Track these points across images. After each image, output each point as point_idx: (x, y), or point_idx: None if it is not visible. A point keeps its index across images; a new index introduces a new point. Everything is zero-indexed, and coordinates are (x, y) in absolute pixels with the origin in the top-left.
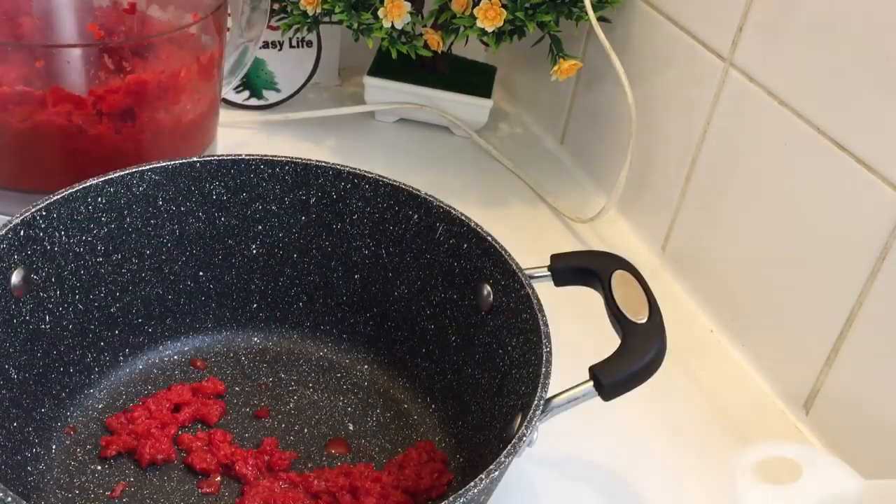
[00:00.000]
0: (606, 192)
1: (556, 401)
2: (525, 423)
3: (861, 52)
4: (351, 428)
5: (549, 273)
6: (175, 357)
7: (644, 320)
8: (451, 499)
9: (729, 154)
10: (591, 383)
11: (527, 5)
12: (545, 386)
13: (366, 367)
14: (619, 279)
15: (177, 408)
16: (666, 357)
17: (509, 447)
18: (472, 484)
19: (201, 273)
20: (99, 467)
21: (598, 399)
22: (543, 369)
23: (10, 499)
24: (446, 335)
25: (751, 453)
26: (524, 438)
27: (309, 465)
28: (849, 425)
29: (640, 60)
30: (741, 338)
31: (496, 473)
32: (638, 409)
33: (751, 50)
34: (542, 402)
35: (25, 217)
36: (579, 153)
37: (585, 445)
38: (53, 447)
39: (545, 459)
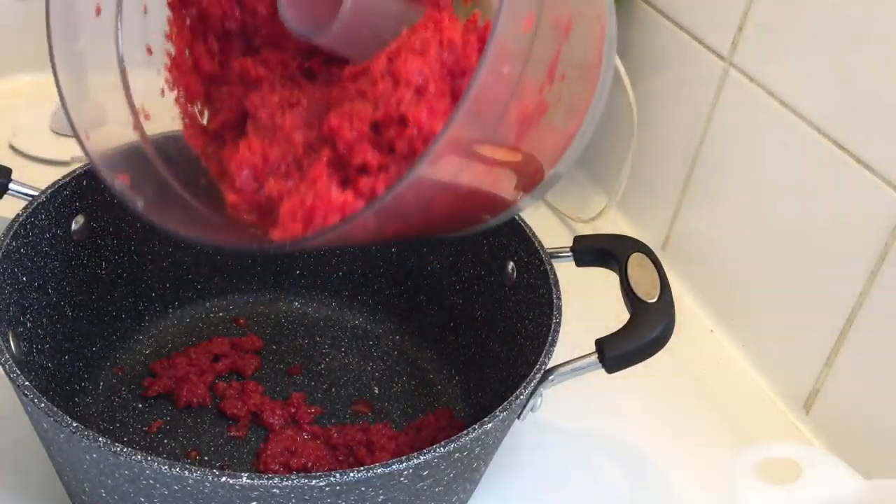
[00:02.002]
0: (607, 192)
1: (560, 370)
2: (524, 385)
3: (860, 51)
4: (376, 391)
5: (570, 253)
6: (220, 313)
7: (654, 300)
8: (442, 443)
9: (729, 154)
10: (596, 355)
11: None
12: (549, 353)
13: (397, 337)
14: (635, 261)
15: (216, 358)
16: (666, 358)
17: (505, 403)
18: (465, 432)
19: None
20: (140, 405)
21: (602, 398)
22: (550, 338)
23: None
24: (473, 310)
25: (751, 453)
26: (521, 397)
27: (332, 421)
28: (849, 425)
29: (640, 60)
30: (741, 338)
31: (489, 426)
32: (638, 408)
33: (751, 50)
34: (543, 367)
35: (89, 167)
36: None
37: (584, 446)
38: (101, 383)
39: (545, 459)
